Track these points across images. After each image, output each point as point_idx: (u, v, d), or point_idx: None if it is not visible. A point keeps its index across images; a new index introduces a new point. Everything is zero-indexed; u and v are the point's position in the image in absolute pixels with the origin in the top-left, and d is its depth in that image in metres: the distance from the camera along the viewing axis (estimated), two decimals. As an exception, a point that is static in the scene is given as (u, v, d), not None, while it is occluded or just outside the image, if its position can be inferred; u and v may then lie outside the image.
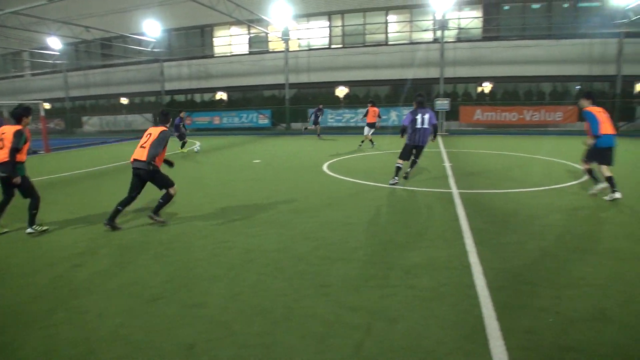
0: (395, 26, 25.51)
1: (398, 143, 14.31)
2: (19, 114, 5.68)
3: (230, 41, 28.38)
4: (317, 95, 26.55)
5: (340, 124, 24.08)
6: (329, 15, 26.06)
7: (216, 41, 28.80)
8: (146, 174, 5.70)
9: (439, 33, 22.90)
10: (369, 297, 3.69)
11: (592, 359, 2.82)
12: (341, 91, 26.68)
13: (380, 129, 16.04)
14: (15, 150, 5.41)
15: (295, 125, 25.84)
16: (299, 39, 26.82)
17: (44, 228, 5.78)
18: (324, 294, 3.77)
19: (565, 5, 23.52)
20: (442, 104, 21.48)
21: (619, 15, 21.02)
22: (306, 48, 26.80)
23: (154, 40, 26.95)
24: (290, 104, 25.72)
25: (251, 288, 3.91)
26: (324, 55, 25.99)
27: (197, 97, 29.76)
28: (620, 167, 7.93)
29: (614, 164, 6.92)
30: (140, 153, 5.70)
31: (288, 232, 5.55)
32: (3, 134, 5.56)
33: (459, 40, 24.53)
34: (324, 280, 4.06)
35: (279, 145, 17.83)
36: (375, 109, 14.96)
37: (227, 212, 6.68)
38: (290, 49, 25.88)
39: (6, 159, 5.42)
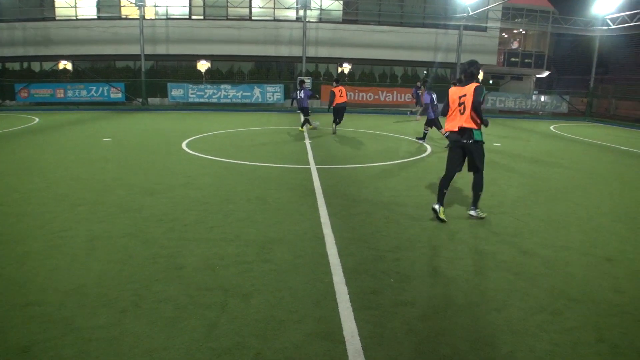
0: (259, 1, 25.15)
1: (264, 119, 14.28)
2: None
3: (75, 3, 25.03)
4: (177, 69, 25.08)
5: (202, 100, 23.13)
6: (189, -17, 24.61)
7: (57, 2, 25.16)
8: None
9: (301, 12, 23.23)
10: (224, 275, 3.67)
11: (424, 311, 3.20)
12: (203, 65, 25.61)
13: (244, 106, 15.80)
14: None
15: (153, 101, 24.13)
16: (155, 6, 24.82)
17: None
18: (177, 276, 3.64)
19: (417, -3, 25.82)
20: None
21: (459, 9, 23.73)
22: (164, 17, 24.97)
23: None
24: (147, 77, 23.82)
25: (96, 278, 3.59)
26: (184, 27, 24.52)
27: (36, 66, 25.79)
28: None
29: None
30: None
31: (139, 215, 5.21)
32: None
33: (321, 20, 25.22)
34: (178, 262, 3.91)
35: (133, 122, 16.47)
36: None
37: (69, 197, 5.99)
38: (146, 17, 23.84)
39: None
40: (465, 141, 5.07)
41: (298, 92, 14.01)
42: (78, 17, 25.06)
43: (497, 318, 3.15)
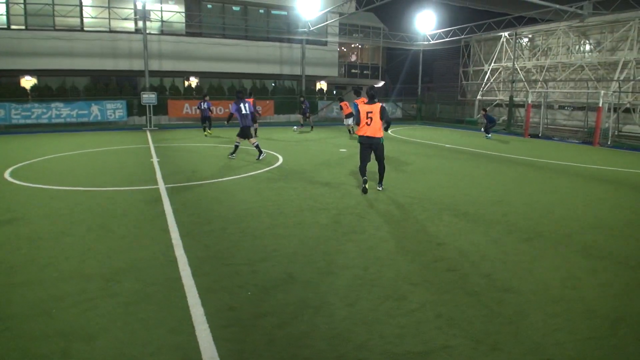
0: (91, 11, 23.04)
1: (105, 139, 13.07)
2: None
3: None
4: (-7, 87, 21.58)
5: (28, 121, 20.20)
6: (0, -11, 21.38)
7: None
8: None
9: (140, 23, 21.94)
10: (63, 319, 3.27)
11: (283, 319, 3.29)
12: (27, 81, 22.50)
13: (81, 125, 14.22)
14: None
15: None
16: (-44, 14, 21.04)
17: None
18: (4, 329, 3.12)
19: (261, 11, 26.29)
20: (149, 97, 20.81)
21: (301, 24, 24.92)
22: (-31, 27, 21.26)
23: None
24: (-49, 97, 19.99)
25: None
26: (3, 37, 20.99)
27: None
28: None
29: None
30: None
31: (-53, 263, 4.36)
32: None
33: (162, 33, 24.14)
34: (4, 312, 3.36)
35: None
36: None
37: None
38: (-57, 27, 20.01)
39: None
40: (372, 143, 7.32)
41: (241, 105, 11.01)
42: None
43: (351, 312, 3.40)
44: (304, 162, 10.90)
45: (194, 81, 25.34)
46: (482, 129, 18.66)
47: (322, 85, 29.49)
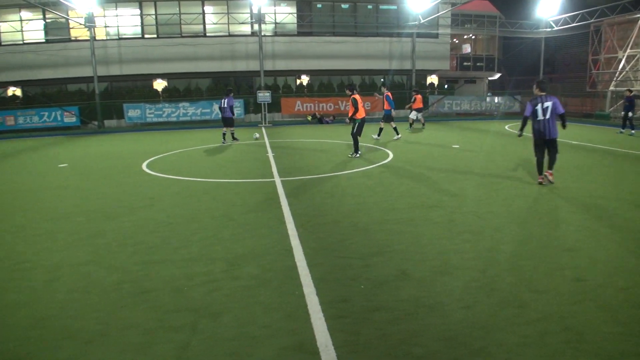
0: (213, 18, 25.05)
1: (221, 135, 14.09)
2: None
3: (21, 27, 24.13)
4: (133, 89, 24.55)
5: (160, 119, 22.69)
6: (140, 2, 24.22)
7: (3, 26, 24.18)
8: None
9: (256, 26, 23.29)
10: (192, 296, 3.60)
11: (396, 315, 3.24)
12: (159, 84, 25.18)
13: (204, 122, 15.68)
14: None
15: (110, 123, 23.50)
16: (106, 26, 24.30)
17: None
18: (144, 300, 3.54)
19: (370, 7, 26.32)
20: (264, 96, 22.01)
21: (411, 17, 24.42)
22: (116, 37, 24.45)
23: None
24: (101, 98, 23.19)
25: (58, 310, 3.44)
26: (138, 46, 24.06)
27: (-19, 94, 24.62)
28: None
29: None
30: None
31: (101, 241, 5.04)
32: None
33: (276, 34, 25.34)
34: (144, 286, 3.81)
35: (90, 146, 15.96)
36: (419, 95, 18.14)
37: (26, 227, 5.73)
38: (97, 38, 23.27)
39: None
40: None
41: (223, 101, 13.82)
42: (25, 42, 24.18)
43: (467, 315, 3.23)
44: (415, 158, 10.66)
45: (305, 79, 26.20)
46: (626, 120, 15.60)
47: (432, 79, 28.56)
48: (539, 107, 7.16)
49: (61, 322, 3.25)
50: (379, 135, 14.25)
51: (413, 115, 18.20)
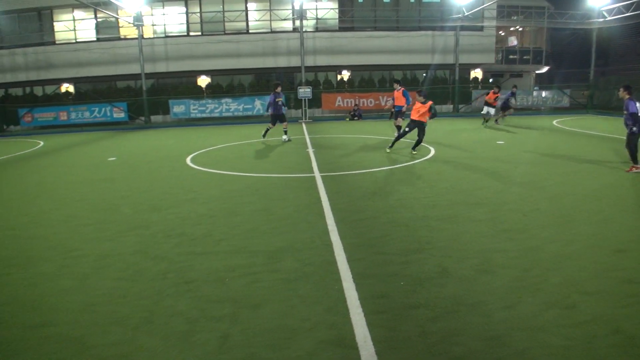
0: (255, 14, 25.38)
1: (265, 130, 14.23)
2: None
3: (74, 26, 25.36)
4: (178, 85, 25.29)
5: (204, 115, 23.28)
6: (186, 0, 24.89)
7: (57, 26, 25.50)
8: None
9: (298, 22, 23.40)
10: (233, 287, 3.68)
11: (436, 313, 3.19)
12: (203, 80, 25.80)
13: (246, 118, 15.93)
14: None
15: (156, 118, 24.33)
16: (153, 25, 25.13)
17: None
18: (187, 290, 3.66)
19: (412, 1, 25.90)
20: (305, 92, 22.12)
21: (455, 10, 23.83)
22: (162, 35, 25.24)
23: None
24: (148, 95, 24.05)
25: (107, 296, 3.61)
26: (183, 43, 24.77)
27: (38, 90, 26.09)
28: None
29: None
30: None
31: (147, 232, 5.24)
32: None
33: (317, 30, 25.38)
34: (187, 276, 3.93)
35: (137, 141, 16.62)
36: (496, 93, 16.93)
37: (77, 217, 6.04)
38: (144, 36, 24.12)
39: None
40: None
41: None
42: (78, 40, 25.40)
43: (509, 315, 3.13)
44: (457, 154, 10.42)
45: (346, 74, 26.12)
46: None
47: (476, 73, 27.76)
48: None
49: (109, 307, 3.41)
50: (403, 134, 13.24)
51: (492, 111, 17.31)
